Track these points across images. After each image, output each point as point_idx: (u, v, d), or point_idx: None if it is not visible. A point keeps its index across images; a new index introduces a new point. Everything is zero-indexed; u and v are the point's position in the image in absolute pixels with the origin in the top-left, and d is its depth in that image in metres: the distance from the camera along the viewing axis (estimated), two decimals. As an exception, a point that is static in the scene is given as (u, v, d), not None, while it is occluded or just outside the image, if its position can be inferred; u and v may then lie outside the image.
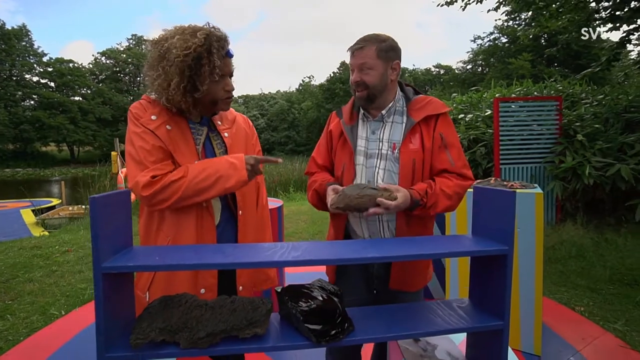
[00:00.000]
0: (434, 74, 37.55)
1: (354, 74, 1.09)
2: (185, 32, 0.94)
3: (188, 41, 0.92)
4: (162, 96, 0.96)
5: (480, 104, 6.08)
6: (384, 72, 1.08)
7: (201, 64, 0.93)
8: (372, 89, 1.08)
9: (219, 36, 0.96)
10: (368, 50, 1.06)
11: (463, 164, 1.09)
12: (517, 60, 21.65)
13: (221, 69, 0.97)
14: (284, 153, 33.18)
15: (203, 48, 0.92)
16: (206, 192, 0.94)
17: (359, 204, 0.95)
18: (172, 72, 0.92)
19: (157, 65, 0.95)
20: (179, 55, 0.91)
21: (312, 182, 1.16)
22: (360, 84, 1.08)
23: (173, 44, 0.92)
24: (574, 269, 3.13)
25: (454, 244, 0.85)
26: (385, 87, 1.10)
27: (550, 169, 4.27)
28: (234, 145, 1.07)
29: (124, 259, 0.70)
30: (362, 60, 1.06)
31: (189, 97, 0.95)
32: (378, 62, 1.06)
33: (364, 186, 0.98)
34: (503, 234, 0.83)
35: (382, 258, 0.77)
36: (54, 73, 32.67)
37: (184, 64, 0.92)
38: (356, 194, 0.95)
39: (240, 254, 0.75)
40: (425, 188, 1.02)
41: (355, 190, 0.97)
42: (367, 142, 1.12)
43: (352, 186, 1.00)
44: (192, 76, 0.93)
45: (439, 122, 1.09)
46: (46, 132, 30.52)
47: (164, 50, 0.93)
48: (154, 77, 0.96)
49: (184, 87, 0.94)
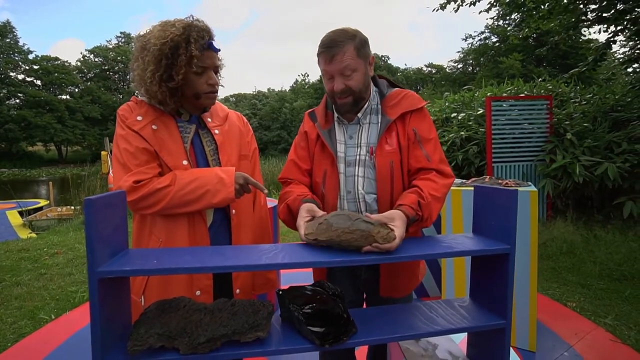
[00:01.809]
0: (425, 73, 37.82)
1: (336, 82, 0.96)
2: (166, 23, 0.93)
3: (167, 31, 0.91)
4: (142, 87, 0.95)
5: (472, 103, 6.14)
6: (365, 71, 0.99)
7: (178, 53, 0.91)
8: (357, 93, 0.98)
9: (200, 27, 0.94)
10: (347, 52, 0.94)
11: (439, 158, 0.99)
12: (507, 59, 21.96)
13: (201, 60, 0.94)
14: (276, 152, 33.05)
15: (181, 37, 0.91)
16: (192, 205, 0.92)
17: (348, 241, 0.75)
18: (149, 61, 0.91)
19: (138, 57, 0.94)
20: (156, 44, 0.90)
21: (285, 193, 1.03)
22: (345, 91, 0.97)
23: (153, 34, 0.92)
24: (565, 265, 3.19)
25: (455, 243, 0.84)
26: (368, 87, 1.02)
27: (541, 167, 4.33)
28: (225, 143, 1.05)
29: (120, 262, 0.68)
30: (343, 64, 0.93)
31: (164, 86, 0.93)
32: (359, 62, 0.96)
33: (356, 217, 0.79)
34: (505, 232, 0.83)
35: (385, 259, 0.76)
36: (40, 71, 31.94)
37: (160, 52, 0.90)
38: (345, 228, 0.76)
39: (240, 256, 0.74)
40: (416, 200, 0.89)
41: (344, 223, 0.77)
42: (345, 148, 1.04)
43: (339, 215, 0.80)
44: (169, 65, 0.91)
45: (412, 117, 1.00)
46: (32, 132, 29.82)
47: (145, 42, 0.93)
48: (134, 68, 0.95)
49: (160, 77, 0.91)
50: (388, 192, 0.99)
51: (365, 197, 1.01)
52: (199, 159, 1.01)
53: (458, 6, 6.15)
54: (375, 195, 1.01)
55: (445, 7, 6.22)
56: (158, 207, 0.91)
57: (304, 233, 0.83)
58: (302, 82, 42.26)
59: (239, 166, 1.07)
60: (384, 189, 1.00)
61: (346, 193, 1.03)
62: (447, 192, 1.00)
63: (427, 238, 0.91)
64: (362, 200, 1.02)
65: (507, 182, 2.21)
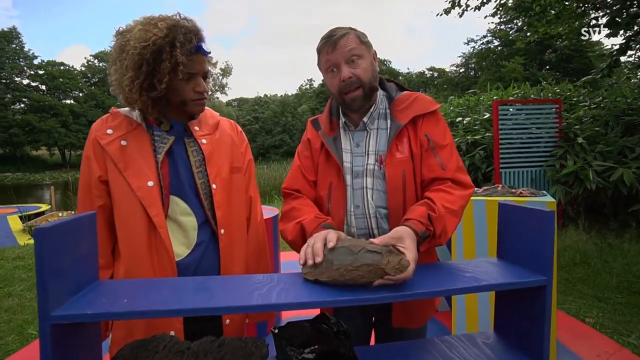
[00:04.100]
0: (427, 76, 37.76)
1: (343, 70, 0.87)
2: (149, 23, 0.81)
3: (148, 32, 0.79)
4: (120, 94, 0.84)
5: (477, 107, 6.02)
6: (371, 61, 0.91)
7: (161, 58, 0.80)
8: (367, 84, 0.89)
9: (187, 28, 0.82)
10: (350, 37, 0.87)
11: (456, 167, 0.88)
12: (509, 63, 21.82)
13: (188, 66, 0.83)
14: (278, 156, 33.03)
15: (165, 40, 0.79)
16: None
17: (354, 279, 0.64)
18: (127, 67, 0.80)
19: (116, 59, 0.83)
20: (136, 47, 0.78)
21: (293, 209, 0.91)
22: (353, 82, 0.87)
23: (133, 35, 0.80)
24: (580, 276, 3.04)
25: (480, 273, 0.72)
26: (376, 84, 0.93)
27: (551, 173, 4.19)
28: (214, 153, 0.94)
29: (82, 304, 0.56)
30: (347, 47, 0.86)
31: (144, 96, 0.82)
32: (363, 49, 0.89)
33: (358, 247, 0.67)
34: (539, 260, 0.71)
35: (400, 296, 0.64)
36: (45, 76, 32.18)
37: (140, 57, 0.79)
38: (349, 264, 0.65)
39: (227, 294, 0.62)
40: (426, 213, 0.77)
41: (345, 259, 0.66)
42: (352, 157, 0.93)
43: (339, 249, 0.68)
44: (150, 72, 0.80)
45: (424, 121, 0.90)
46: (37, 136, 29.97)
47: (124, 43, 0.81)
48: (111, 73, 0.84)
49: (140, 84, 0.80)
50: (400, 205, 0.88)
51: (377, 211, 0.90)
52: (181, 172, 0.89)
53: (463, 11, 6.06)
54: (386, 209, 0.89)
55: (449, 12, 6.14)
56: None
57: (301, 272, 0.71)
58: (307, 87, 42.34)
59: (231, 180, 0.96)
60: (395, 202, 0.88)
61: (354, 208, 0.91)
62: (465, 205, 0.87)
63: (445, 266, 0.79)
64: (373, 216, 0.90)
65: (521, 191, 2.08)
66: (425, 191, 0.88)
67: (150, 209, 0.83)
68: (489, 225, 1.75)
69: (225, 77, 38.43)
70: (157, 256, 0.84)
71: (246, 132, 6.69)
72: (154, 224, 0.83)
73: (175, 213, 0.88)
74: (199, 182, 0.90)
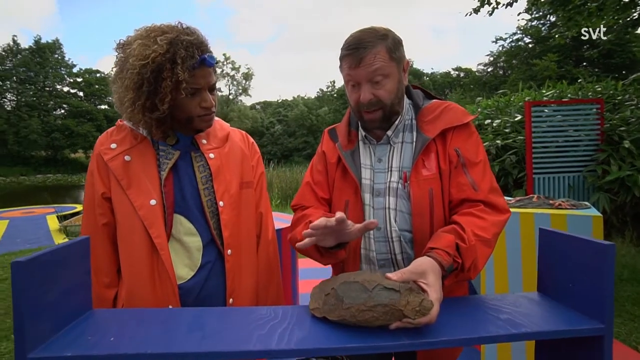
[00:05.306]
0: (453, 77, 36.64)
1: (362, 90, 0.78)
2: (149, 36, 0.76)
3: (148, 48, 0.73)
4: (123, 113, 0.80)
5: (508, 108, 5.70)
6: (399, 78, 0.80)
7: (162, 77, 0.74)
8: (389, 107, 0.79)
9: (189, 42, 0.76)
10: (379, 53, 0.75)
11: (490, 187, 0.77)
12: (542, 61, 20.72)
13: (191, 82, 0.77)
14: (301, 158, 33.21)
15: (165, 58, 0.74)
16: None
17: (367, 321, 0.55)
18: (128, 87, 0.75)
19: (116, 78, 0.78)
20: (135, 66, 0.73)
21: (303, 216, 0.84)
22: (373, 104, 0.78)
23: (132, 51, 0.75)
24: (629, 294, 2.74)
25: (518, 314, 0.61)
26: (402, 99, 0.83)
27: (592, 179, 3.86)
28: (222, 168, 0.88)
29: (63, 343, 0.51)
30: (372, 67, 0.75)
31: (147, 116, 0.78)
32: (392, 66, 0.77)
33: (373, 283, 0.57)
34: (595, 303, 0.58)
35: (422, 344, 0.54)
36: (83, 83, 34.32)
37: (140, 77, 0.73)
38: (361, 304, 0.55)
39: (222, 334, 0.55)
40: (454, 241, 0.67)
41: (358, 296, 0.56)
42: (372, 173, 0.84)
43: (351, 284, 0.59)
44: (151, 92, 0.75)
45: (455, 134, 0.80)
46: (75, 140, 31.96)
47: (124, 58, 0.76)
48: (113, 91, 0.80)
49: (142, 106, 0.76)
50: (427, 228, 0.78)
51: (401, 235, 0.80)
52: (186, 189, 0.84)
53: (493, 9, 5.76)
54: (411, 233, 0.79)
55: (478, 11, 5.86)
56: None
57: (309, 307, 0.63)
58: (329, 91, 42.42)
59: (240, 195, 0.90)
60: (421, 225, 0.78)
61: (374, 230, 0.82)
62: (500, 233, 0.76)
63: (476, 302, 0.68)
64: (397, 240, 0.80)
65: (559, 202, 1.89)
66: (453, 213, 0.77)
67: (152, 230, 0.78)
68: (524, 242, 1.59)
69: (248, 81, 39.31)
70: (159, 279, 0.79)
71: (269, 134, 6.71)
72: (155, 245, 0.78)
73: (179, 233, 0.83)
74: (205, 200, 0.85)
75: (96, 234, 0.81)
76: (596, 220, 1.52)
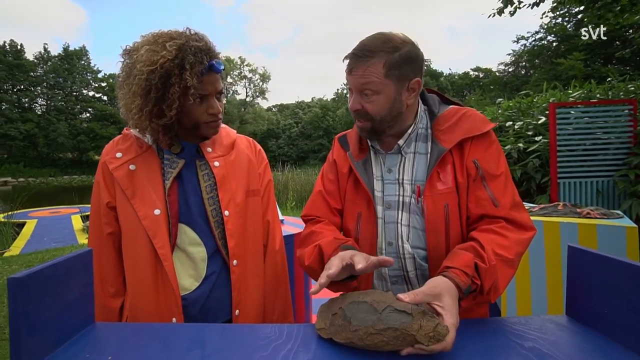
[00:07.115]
0: (472, 77, 35.78)
1: (352, 98, 0.76)
2: (157, 42, 0.75)
3: (156, 54, 0.73)
4: (129, 119, 0.79)
5: (530, 109, 5.48)
6: (395, 96, 0.74)
7: (170, 83, 0.73)
8: (378, 122, 0.75)
9: (198, 47, 0.75)
10: (373, 66, 0.71)
11: (512, 202, 0.71)
12: (567, 60, 19.92)
13: (199, 88, 0.76)
14: (317, 160, 33.26)
15: (173, 63, 0.73)
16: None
17: (377, 345, 0.52)
18: (135, 92, 0.74)
19: (123, 83, 0.78)
20: (143, 71, 0.72)
21: (312, 233, 0.79)
22: (360, 114, 0.75)
23: (140, 56, 0.74)
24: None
25: (545, 343, 0.56)
26: (399, 116, 0.77)
27: (623, 185, 3.64)
28: (228, 176, 0.86)
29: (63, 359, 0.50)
30: (362, 79, 0.72)
31: (154, 123, 0.77)
32: (387, 83, 0.72)
33: (384, 306, 0.53)
34: (631, 332, 0.52)
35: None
36: (107, 88, 35.69)
37: (148, 83, 0.73)
38: (370, 326, 0.52)
39: (225, 355, 0.52)
40: (473, 261, 0.62)
41: (366, 318, 0.53)
42: (383, 185, 0.79)
43: (360, 304, 0.55)
44: (159, 98, 0.74)
45: (473, 144, 0.75)
46: (99, 142, 33.24)
47: (131, 64, 0.76)
48: (120, 97, 0.79)
49: (149, 112, 0.75)
50: (442, 246, 0.72)
51: (414, 253, 0.75)
52: (191, 198, 0.83)
53: (515, 9, 5.59)
54: (425, 251, 0.75)
55: (502, 12, 5.70)
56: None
57: (316, 327, 0.59)
58: (345, 91, 42.42)
59: (246, 204, 0.88)
60: (436, 243, 0.73)
61: (386, 245, 0.77)
62: (524, 252, 0.70)
63: (496, 326, 0.62)
64: (410, 258, 0.75)
65: (588, 211, 1.77)
66: (472, 229, 0.71)
67: (156, 240, 0.77)
68: (548, 256, 1.50)
69: (265, 83, 39.81)
70: (163, 290, 0.78)
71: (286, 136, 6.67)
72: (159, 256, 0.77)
73: (184, 243, 0.81)
74: (210, 209, 0.83)
75: (102, 244, 0.81)
76: (630, 231, 1.41)
